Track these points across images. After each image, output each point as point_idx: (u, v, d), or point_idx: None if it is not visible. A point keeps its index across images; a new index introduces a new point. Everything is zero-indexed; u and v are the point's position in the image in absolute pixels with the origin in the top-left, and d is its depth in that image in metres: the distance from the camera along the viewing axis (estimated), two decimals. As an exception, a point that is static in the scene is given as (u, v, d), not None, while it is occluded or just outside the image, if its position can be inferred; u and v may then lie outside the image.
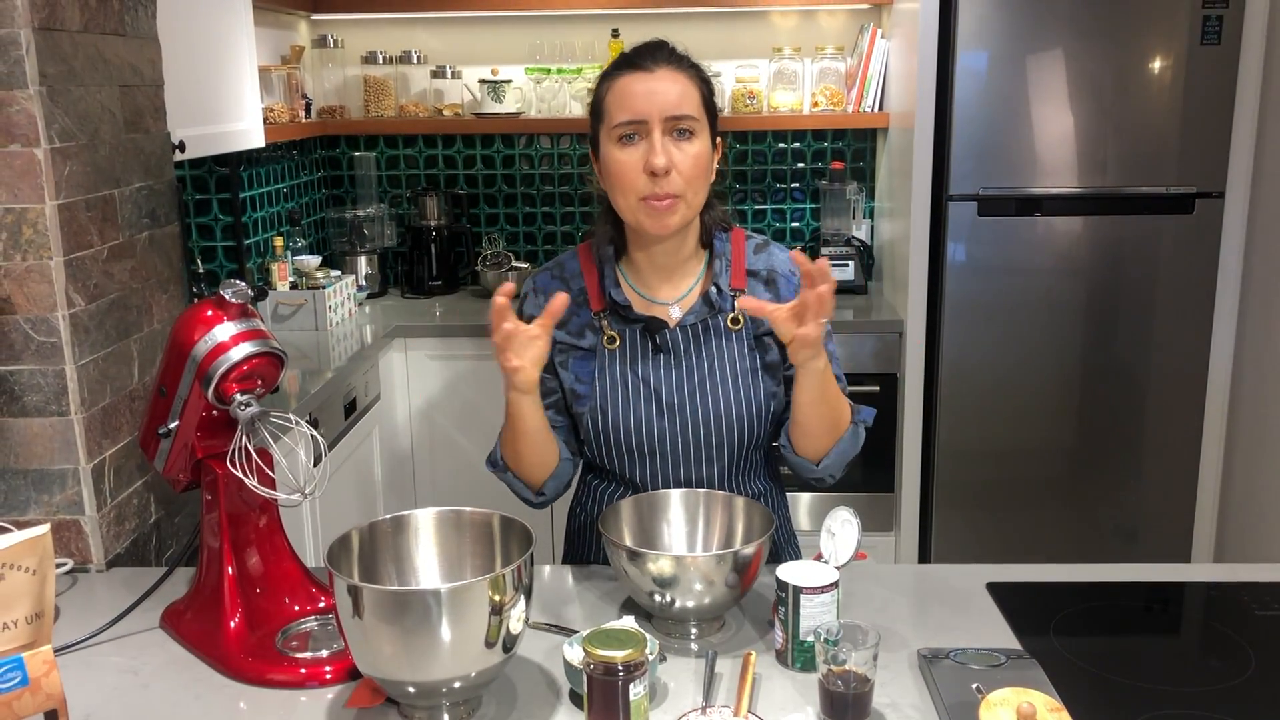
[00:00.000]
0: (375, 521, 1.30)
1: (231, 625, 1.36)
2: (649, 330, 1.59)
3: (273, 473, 1.41)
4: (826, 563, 1.35)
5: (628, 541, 1.45)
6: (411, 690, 1.16)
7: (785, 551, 1.72)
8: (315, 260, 3.21)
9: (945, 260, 3.04)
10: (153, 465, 1.52)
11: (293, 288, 3.12)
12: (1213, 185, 2.99)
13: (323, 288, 3.08)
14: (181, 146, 2.07)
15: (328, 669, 1.30)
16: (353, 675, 1.29)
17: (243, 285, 1.38)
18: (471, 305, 3.46)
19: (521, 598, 1.17)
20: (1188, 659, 1.41)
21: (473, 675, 1.16)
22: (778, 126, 3.59)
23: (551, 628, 1.41)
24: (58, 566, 1.53)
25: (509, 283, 1.42)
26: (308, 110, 3.39)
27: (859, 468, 3.19)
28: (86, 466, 1.55)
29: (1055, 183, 3.00)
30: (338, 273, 3.28)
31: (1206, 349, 3.09)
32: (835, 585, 1.30)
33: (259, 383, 1.40)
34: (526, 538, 1.25)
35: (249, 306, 1.40)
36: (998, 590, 1.49)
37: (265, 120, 2.82)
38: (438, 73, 3.57)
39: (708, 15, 3.56)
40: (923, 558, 3.24)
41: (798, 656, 1.30)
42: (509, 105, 3.51)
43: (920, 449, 3.17)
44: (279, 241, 3.23)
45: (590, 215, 3.75)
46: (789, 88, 3.50)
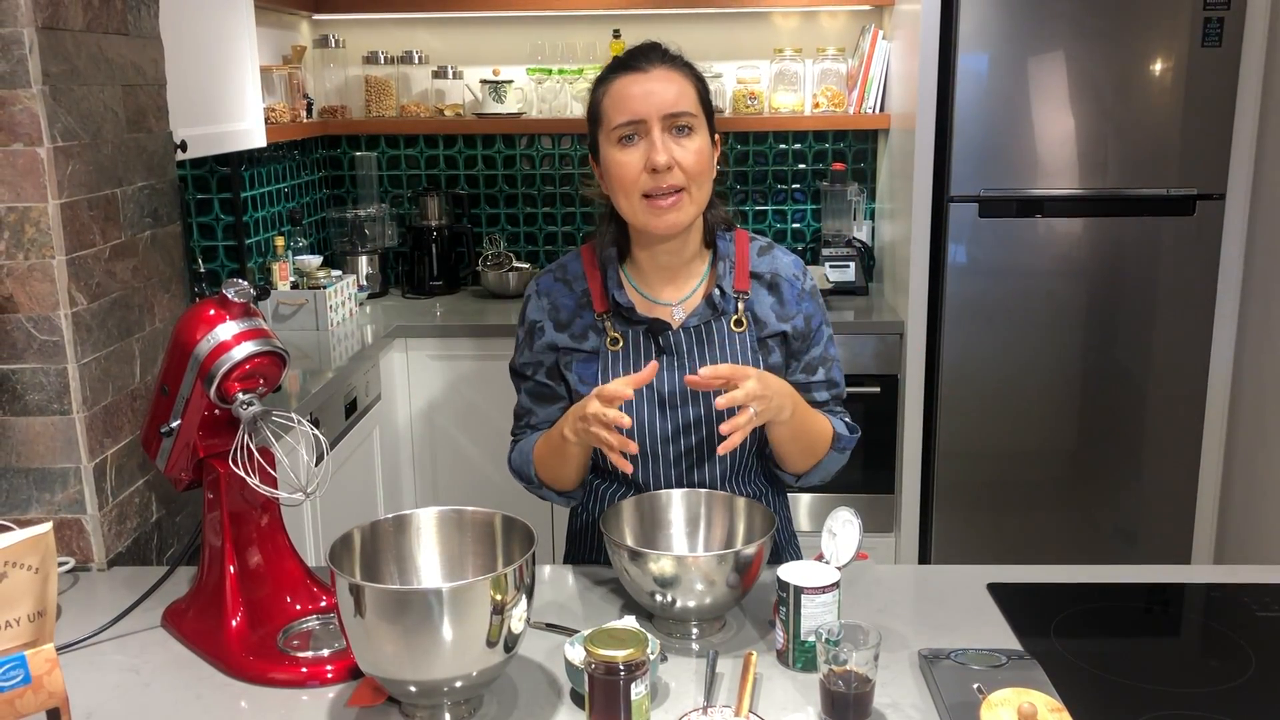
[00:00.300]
0: (377, 521, 1.30)
1: (233, 624, 1.36)
2: (652, 332, 1.59)
3: (274, 472, 1.41)
4: (828, 563, 1.35)
5: (629, 541, 1.45)
6: (413, 689, 1.17)
7: (786, 552, 1.72)
8: (316, 260, 3.22)
9: (946, 261, 3.04)
10: (154, 464, 1.52)
11: (294, 287, 3.12)
12: (1213, 187, 2.99)
13: (323, 287, 3.08)
14: (183, 146, 2.07)
15: (329, 668, 1.30)
16: (354, 674, 1.29)
17: (245, 284, 1.38)
18: (472, 305, 3.46)
19: (523, 597, 1.17)
20: (1188, 660, 1.41)
21: (474, 675, 1.16)
22: (779, 127, 3.59)
23: (553, 627, 1.41)
24: (59, 565, 1.53)
25: (625, 417, 1.41)
26: (309, 110, 3.39)
27: (859, 469, 3.20)
28: (88, 465, 1.55)
29: (1056, 184, 3.00)
30: (339, 273, 3.28)
31: (1207, 350, 3.09)
32: (836, 585, 1.30)
33: (261, 382, 1.40)
34: (528, 537, 1.25)
35: (251, 306, 1.40)
36: (998, 591, 1.49)
37: (267, 120, 2.82)
38: (439, 73, 3.57)
39: (709, 16, 3.56)
40: (923, 559, 3.24)
41: (799, 656, 1.30)
42: (510, 105, 3.52)
43: (920, 450, 3.17)
44: (280, 241, 3.23)
45: (590, 215, 3.75)
46: (790, 89, 3.50)
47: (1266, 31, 2.90)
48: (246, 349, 1.37)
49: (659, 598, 1.35)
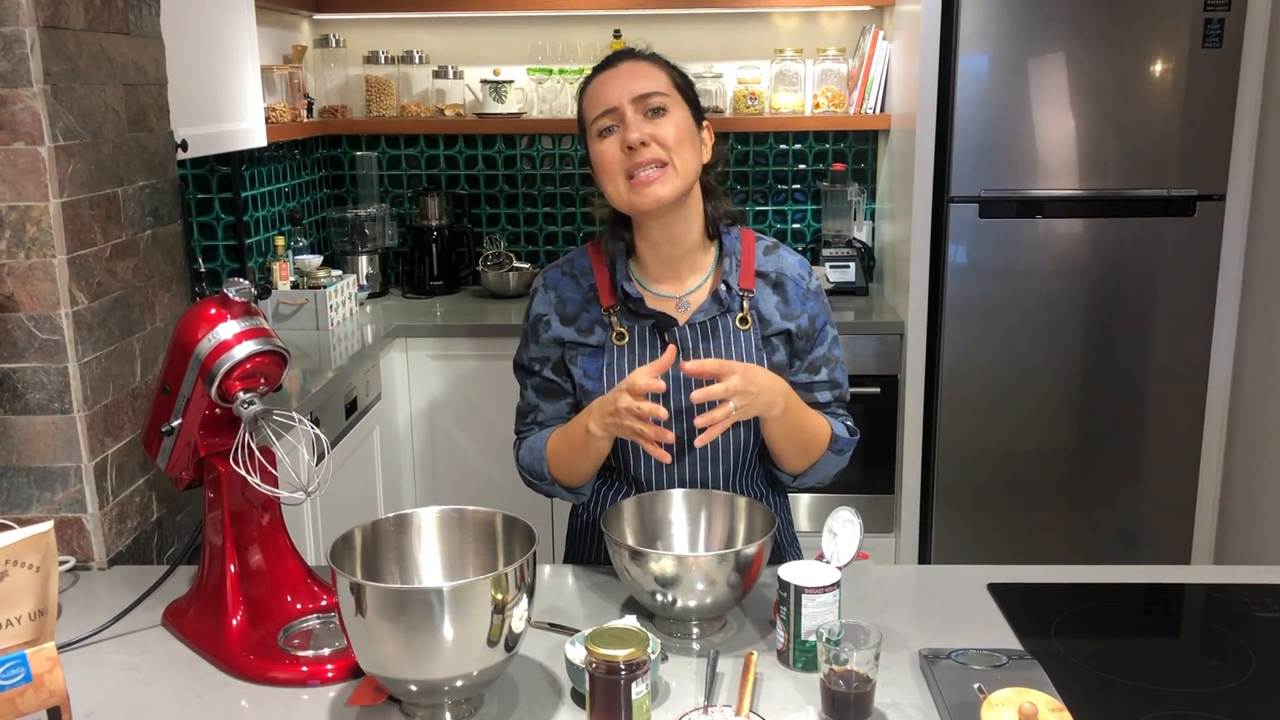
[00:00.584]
0: (378, 520, 1.30)
1: (233, 623, 1.36)
2: (658, 327, 1.60)
3: (275, 471, 1.41)
4: (828, 563, 1.35)
5: (630, 541, 1.45)
6: (413, 689, 1.17)
7: (788, 555, 1.72)
8: (316, 260, 3.22)
9: (946, 262, 3.04)
10: (155, 463, 1.52)
11: (294, 287, 3.12)
12: (1214, 188, 2.99)
13: (324, 287, 3.08)
14: (184, 145, 2.07)
15: (329, 667, 1.30)
16: (355, 673, 1.29)
17: (246, 284, 1.38)
18: (473, 305, 3.46)
19: (524, 597, 1.17)
20: (1188, 660, 1.41)
21: (475, 674, 1.16)
22: (779, 128, 3.59)
23: (553, 627, 1.41)
24: (60, 564, 1.53)
25: (661, 408, 1.45)
26: (310, 110, 3.39)
27: (859, 469, 3.20)
28: (89, 464, 1.55)
29: (1056, 185, 3.00)
30: (339, 272, 3.28)
31: (1207, 351, 3.09)
32: (837, 585, 1.30)
33: (262, 381, 1.40)
34: (529, 537, 1.25)
35: (252, 305, 1.41)
36: (999, 591, 1.50)
37: (267, 120, 2.82)
38: (439, 73, 3.57)
39: (709, 16, 3.56)
40: (923, 559, 3.25)
41: (799, 656, 1.30)
42: (511, 105, 3.52)
43: (921, 450, 3.17)
44: (280, 241, 3.23)
45: (590, 216, 3.75)
46: (790, 89, 3.50)
47: (1267, 32, 2.90)
48: (247, 348, 1.37)
49: (660, 597, 1.35)
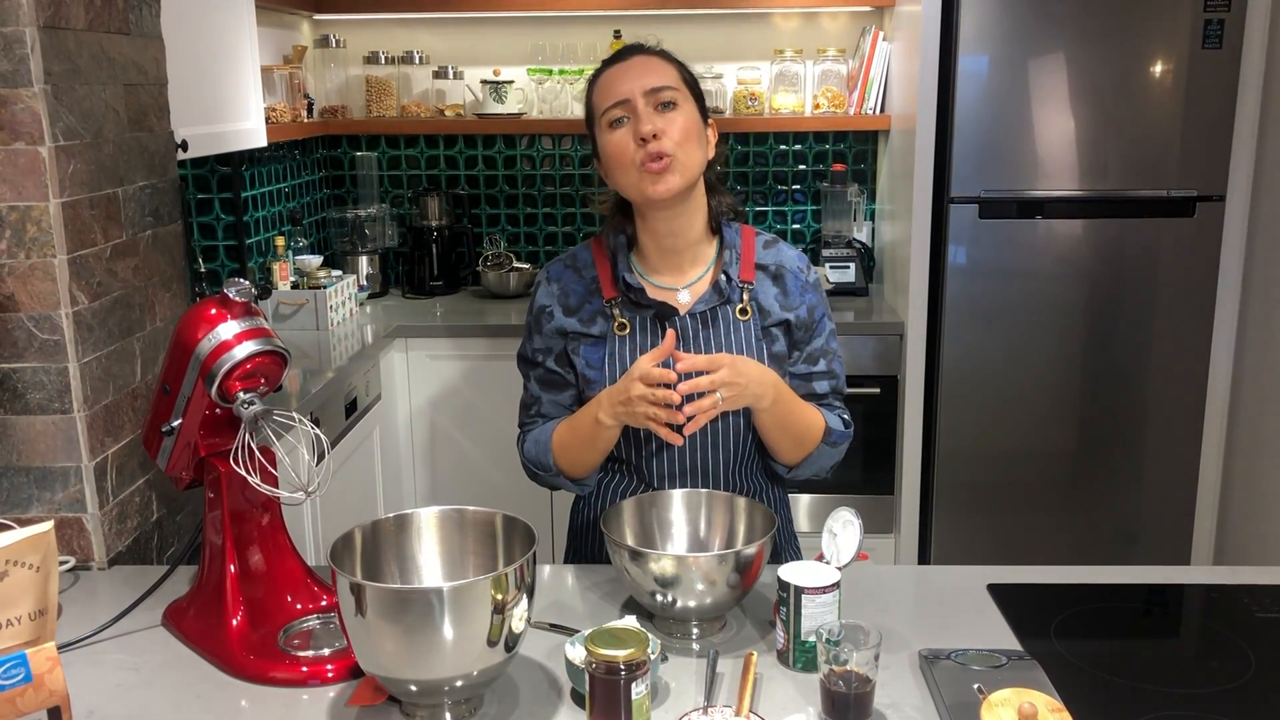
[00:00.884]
0: (378, 520, 1.30)
1: (234, 623, 1.36)
2: (659, 316, 1.62)
3: (275, 471, 1.41)
4: (828, 563, 1.35)
5: (629, 541, 1.45)
6: (413, 689, 1.17)
7: (786, 552, 1.73)
8: (316, 260, 3.22)
9: (946, 262, 3.04)
10: (155, 463, 1.52)
11: (294, 287, 3.12)
12: (1214, 189, 2.99)
13: (324, 287, 3.08)
14: (184, 145, 2.07)
15: (329, 667, 1.30)
16: (355, 674, 1.29)
17: (246, 284, 1.38)
18: (473, 305, 3.46)
19: (524, 597, 1.18)
20: (1188, 660, 1.41)
21: (475, 674, 1.16)
22: (779, 128, 3.59)
23: (553, 627, 1.41)
24: (60, 564, 1.53)
25: (674, 394, 1.47)
26: (310, 110, 3.39)
27: (859, 469, 3.20)
28: (89, 464, 1.55)
29: (1056, 185, 3.00)
30: (339, 272, 3.28)
31: (1207, 352, 3.09)
32: (837, 585, 1.30)
33: (262, 381, 1.40)
34: (529, 537, 1.25)
35: (252, 305, 1.41)
36: (999, 591, 1.50)
37: (267, 120, 2.82)
38: (440, 73, 3.57)
39: (710, 17, 3.56)
40: (923, 559, 3.25)
41: (799, 656, 1.30)
42: (511, 106, 3.52)
43: (920, 451, 3.17)
44: (280, 241, 3.23)
45: (591, 216, 3.75)
46: (790, 90, 3.50)
47: (1266, 34, 2.90)
48: (248, 348, 1.37)
49: (659, 598, 1.35)
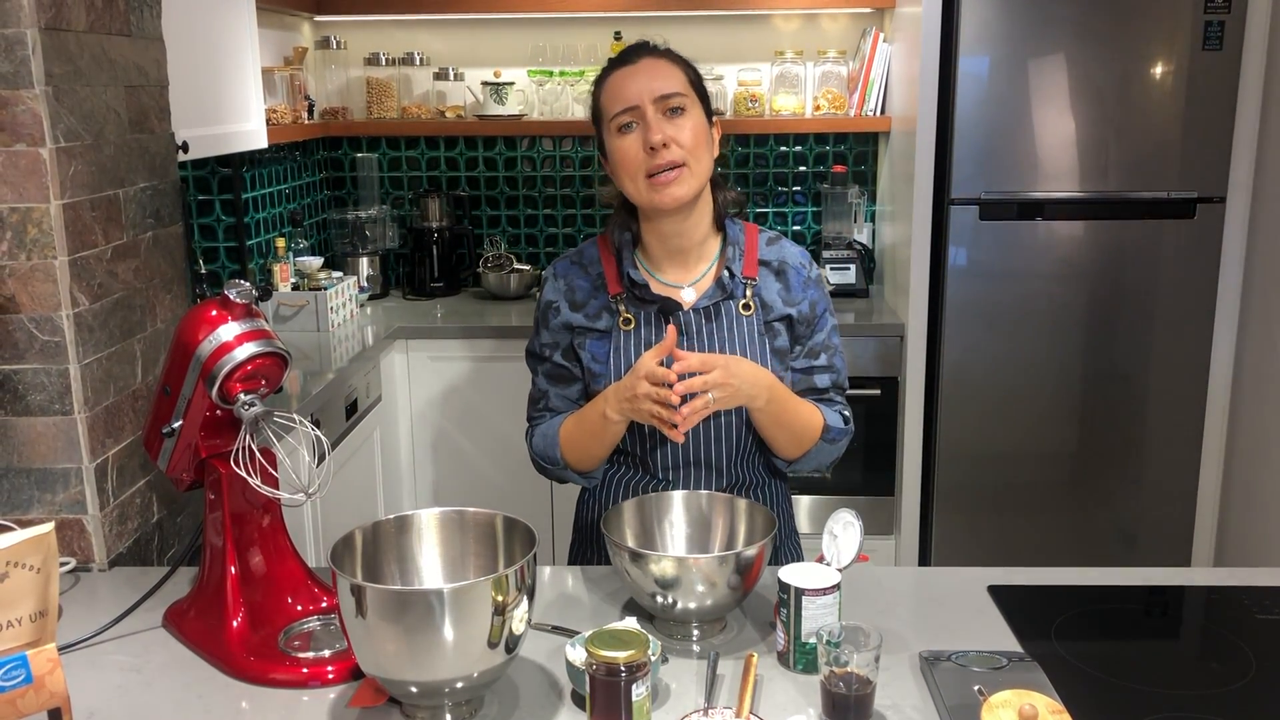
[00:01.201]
0: (379, 521, 1.30)
1: (234, 625, 1.36)
2: (663, 312, 1.64)
3: (276, 472, 1.41)
4: (828, 564, 1.35)
5: (630, 543, 1.45)
6: (414, 690, 1.17)
7: (786, 548, 1.74)
8: (317, 261, 3.22)
9: (946, 264, 3.04)
10: (156, 464, 1.52)
11: (294, 289, 3.12)
12: (1214, 190, 2.99)
13: (324, 289, 3.08)
14: (185, 147, 2.07)
15: (330, 669, 1.30)
16: (355, 675, 1.30)
17: (247, 285, 1.38)
18: (473, 307, 3.46)
19: (524, 598, 1.18)
20: (1188, 662, 1.41)
21: (475, 675, 1.16)
22: (780, 130, 3.60)
23: (554, 629, 1.41)
24: (60, 565, 1.53)
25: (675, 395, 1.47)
26: (310, 111, 3.39)
27: (859, 470, 3.20)
28: (89, 466, 1.55)
29: (1057, 187, 3.00)
30: (339, 274, 3.29)
31: (1207, 353, 3.09)
32: (837, 587, 1.30)
33: (263, 383, 1.40)
34: (529, 538, 1.25)
35: (253, 307, 1.41)
36: (999, 593, 1.50)
37: (268, 121, 2.82)
38: (440, 74, 3.58)
39: (710, 18, 3.56)
40: (923, 561, 3.24)
41: (799, 658, 1.30)
42: (511, 107, 3.52)
43: (921, 452, 3.17)
44: (281, 242, 3.23)
45: (591, 218, 3.76)
46: (791, 91, 3.50)
47: (1267, 35, 2.90)
48: (248, 350, 1.37)
49: (660, 599, 1.35)
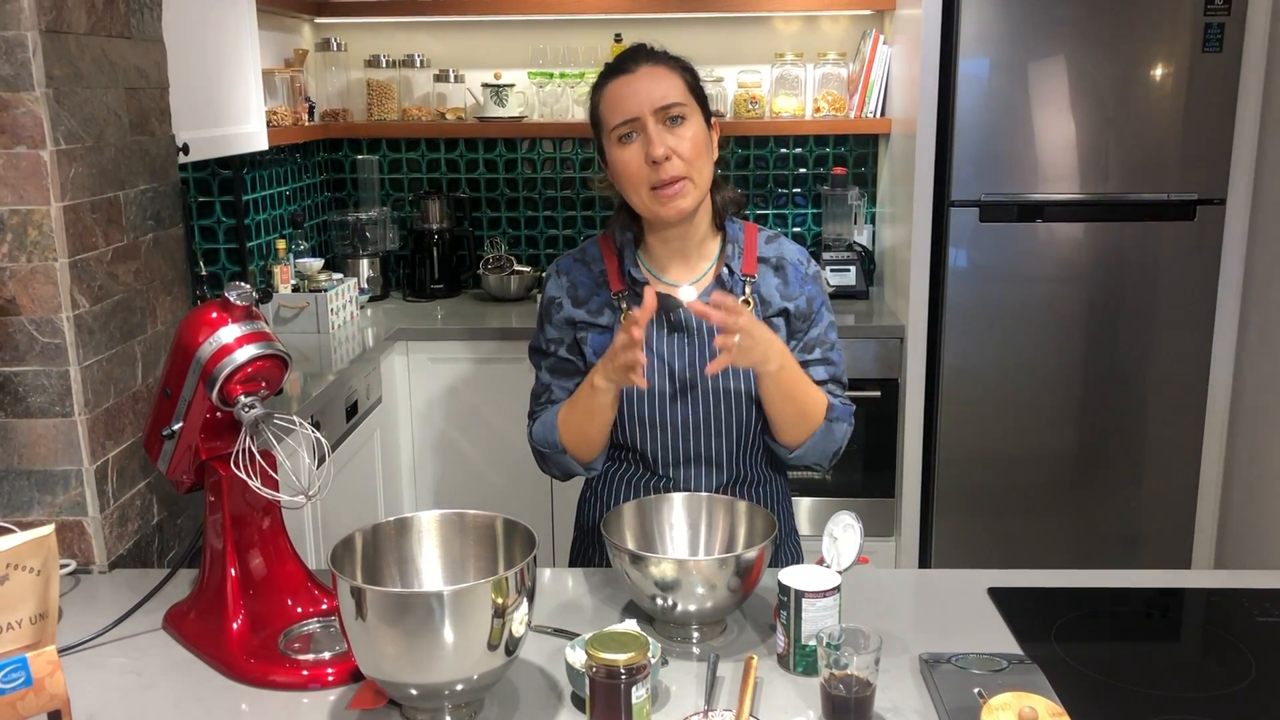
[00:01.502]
0: (378, 523, 1.30)
1: (234, 627, 1.36)
2: (664, 308, 1.64)
3: (276, 474, 1.41)
4: (829, 567, 1.35)
5: (630, 545, 1.45)
6: (414, 692, 1.17)
7: (786, 545, 1.74)
8: (317, 263, 3.22)
9: (946, 266, 3.04)
10: (156, 466, 1.52)
11: (295, 290, 3.12)
12: (1214, 192, 2.99)
13: (325, 290, 3.08)
14: (185, 149, 2.07)
15: (330, 671, 1.31)
16: (355, 677, 1.30)
17: (247, 287, 1.38)
18: (473, 309, 3.46)
19: (524, 600, 1.18)
20: (1188, 665, 1.41)
21: (475, 678, 1.16)
22: (780, 131, 3.60)
23: (554, 631, 1.41)
24: (61, 567, 1.53)
25: (636, 330, 1.46)
26: (311, 113, 3.39)
27: (859, 472, 3.20)
28: (90, 468, 1.55)
29: (1057, 189, 3.00)
30: (340, 275, 3.29)
31: (1207, 355, 3.09)
32: (837, 589, 1.30)
33: (263, 385, 1.40)
34: (529, 541, 1.25)
35: (253, 308, 1.41)
36: (999, 595, 1.50)
37: (269, 123, 2.82)
38: (441, 76, 3.58)
39: (710, 20, 3.57)
40: (923, 563, 3.24)
41: (799, 660, 1.30)
42: (512, 109, 3.52)
43: (921, 454, 3.17)
44: (281, 244, 3.23)
45: (592, 219, 3.76)
46: (791, 93, 3.50)
47: (1267, 37, 2.91)
48: (248, 352, 1.37)
49: (660, 601, 1.35)
